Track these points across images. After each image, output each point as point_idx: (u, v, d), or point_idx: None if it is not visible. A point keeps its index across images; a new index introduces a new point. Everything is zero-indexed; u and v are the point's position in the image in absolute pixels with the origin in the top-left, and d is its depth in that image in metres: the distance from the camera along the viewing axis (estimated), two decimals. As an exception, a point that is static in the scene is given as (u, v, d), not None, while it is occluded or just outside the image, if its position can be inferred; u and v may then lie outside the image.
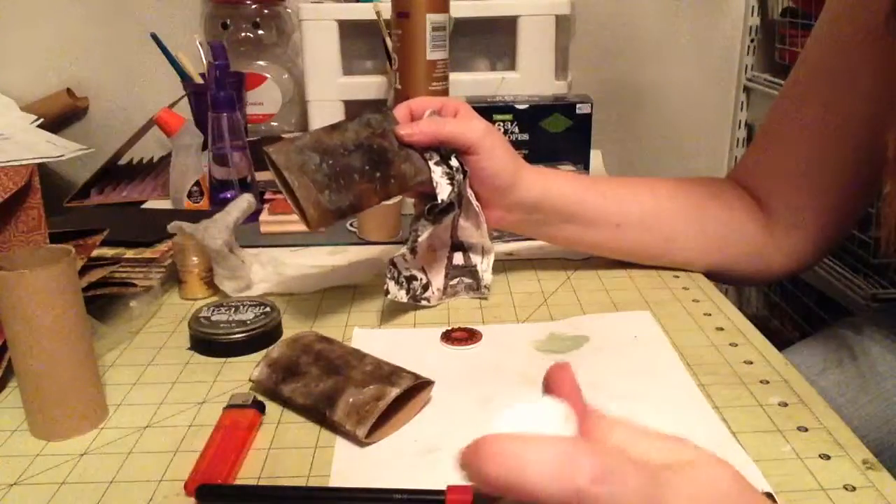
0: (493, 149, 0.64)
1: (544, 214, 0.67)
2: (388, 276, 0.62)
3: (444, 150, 0.63)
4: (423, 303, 0.66)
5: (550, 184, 0.67)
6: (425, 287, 0.65)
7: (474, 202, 0.65)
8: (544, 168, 0.70)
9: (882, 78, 0.61)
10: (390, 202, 0.72)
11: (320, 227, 0.57)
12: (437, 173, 0.61)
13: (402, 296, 0.64)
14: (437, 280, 0.67)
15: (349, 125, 0.60)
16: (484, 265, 0.68)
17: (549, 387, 0.31)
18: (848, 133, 0.65)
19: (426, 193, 0.63)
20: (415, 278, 0.64)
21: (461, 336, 0.61)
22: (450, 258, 0.68)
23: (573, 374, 0.31)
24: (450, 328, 0.62)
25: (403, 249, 0.62)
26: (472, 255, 0.69)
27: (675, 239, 0.71)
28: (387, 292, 0.63)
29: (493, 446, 0.27)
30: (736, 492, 0.27)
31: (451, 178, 0.62)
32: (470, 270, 0.68)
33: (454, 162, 0.62)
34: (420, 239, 0.62)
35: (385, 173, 0.59)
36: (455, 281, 0.68)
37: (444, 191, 0.61)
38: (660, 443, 0.28)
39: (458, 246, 0.69)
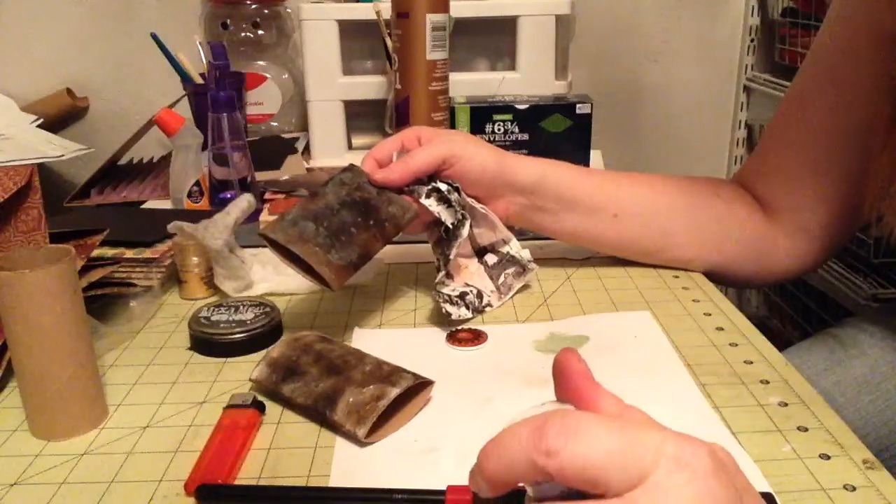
0: (466, 148, 0.64)
1: (544, 199, 0.68)
2: (442, 301, 0.63)
3: (426, 180, 0.63)
4: (488, 309, 0.66)
5: (547, 167, 0.68)
6: (479, 296, 0.66)
7: (479, 207, 0.66)
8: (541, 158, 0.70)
9: (886, 80, 0.61)
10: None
11: (341, 284, 0.58)
12: (433, 205, 0.62)
13: (464, 313, 0.64)
14: (485, 284, 0.68)
15: (326, 189, 0.62)
16: (514, 249, 0.70)
17: (558, 373, 0.32)
18: (853, 135, 0.65)
19: (432, 222, 0.64)
20: (465, 293, 0.65)
21: (466, 337, 0.61)
22: (483, 263, 0.70)
23: (579, 358, 0.31)
24: (455, 329, 0.62)
25: (440, 276, 0.63)
26: (500, 250, 0.70)
27: (672, 233, 0.70)
28: (449, 315, 0.63)
29: (485, 446, 0.28)
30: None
31: (448, 202, 0.63)
32: (507, 260, 0.69)
33: (441, 185, 0.63)
34: (451, 258, 0.63)
35: (377, 219, 0.61)
36: (502, 278, 0.69)
37: (447, 216, 0.63)
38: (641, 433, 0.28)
39: (482, 251, 0.70)
